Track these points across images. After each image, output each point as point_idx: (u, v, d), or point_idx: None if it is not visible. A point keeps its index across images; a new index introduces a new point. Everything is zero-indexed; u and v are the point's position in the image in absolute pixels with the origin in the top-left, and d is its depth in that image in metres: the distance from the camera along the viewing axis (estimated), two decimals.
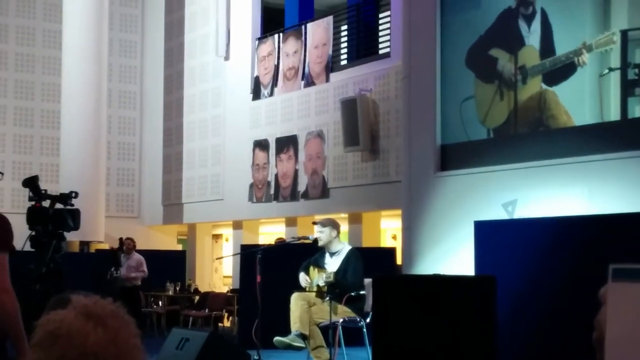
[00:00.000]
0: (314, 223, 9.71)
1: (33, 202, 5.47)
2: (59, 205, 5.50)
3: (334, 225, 9.36)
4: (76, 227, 5.64)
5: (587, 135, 8.87)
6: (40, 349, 2.29)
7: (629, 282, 1.66)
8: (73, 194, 5.73)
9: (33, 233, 5.45)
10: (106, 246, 16.51)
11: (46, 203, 6.02)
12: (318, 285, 8.99)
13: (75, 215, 5.59)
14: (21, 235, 4.92)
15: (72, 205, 5.62)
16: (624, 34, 8.64)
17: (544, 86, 9.35)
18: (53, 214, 5.47)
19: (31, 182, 5.57)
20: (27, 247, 5.41)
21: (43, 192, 5.48)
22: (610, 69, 8.74)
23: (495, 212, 8.95)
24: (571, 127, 9.06)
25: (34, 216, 5.44)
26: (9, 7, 19.85)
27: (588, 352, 3.20)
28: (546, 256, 6.20)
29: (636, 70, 8.53)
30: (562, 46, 9.20)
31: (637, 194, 8.03)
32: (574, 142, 8.93)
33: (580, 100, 9.02)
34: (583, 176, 8.65)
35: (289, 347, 9.05)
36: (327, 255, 9.24)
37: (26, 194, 6.20)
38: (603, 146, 8.61)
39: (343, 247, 9.31)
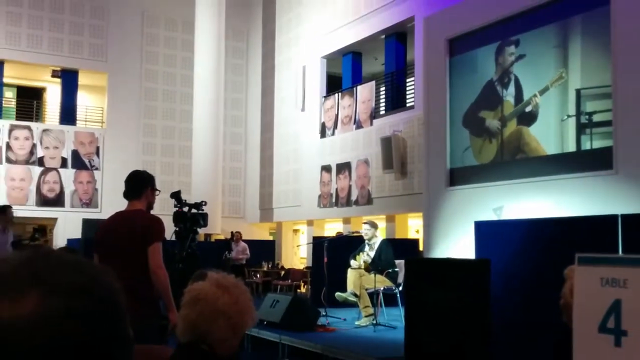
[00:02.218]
0: (364, 223, 9.75)
1: (177, 208, 5.55)
2: (193, 210, 5.61)
3: (376, 226, 9.50)
4: (205, 225, 5.73)
5: (552, 161, 8.76)
6: (187, 308, 2.36)
7: (589, 266, 1.66)
8: (203, 203, 5.81)
9: (177, 229, 5.53)
10: (222, 237, 16.68)
11: (180, 208, 6.18)
12: (365, 262, 9.03)
13: (204, 217, 5.67)
14: (168, 230, 5.00)
15: (203, 210, 5.70)
16: (578, 91, 8.52)
17: (518, 125, 9.32)
18: (190, 216, 5.56)
19: (176, 195, 5.67)
20: (173, 238, 5.52)
21: (184, 201, 5.57)
22: (569, 116, 8.62)
23: (488, 215, 8.87)
24: (541, 156, 8.96)
25: (178, 217, 5.53)
26: (158, 76, 20.21)
27: (556, 314, 3.15)
28: (525, 246, 6.12)
29: (587, 117, 8.41)
30: (529, 95, 9.20)
31: (587, 203, 7.90)
32: (543, 166, 8.82)
33: (548, 138, 8.92)
34: (550, 190, 8.54)
35: (346, 300, 9.11)
36: (367, 245, 9.28)
37: (170, 202, 6.31)
38: (563, 169, 8.50)
39: (377, 238, 9.38)
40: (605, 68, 8.19)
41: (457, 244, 9.39)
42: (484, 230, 6.68)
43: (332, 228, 17.89)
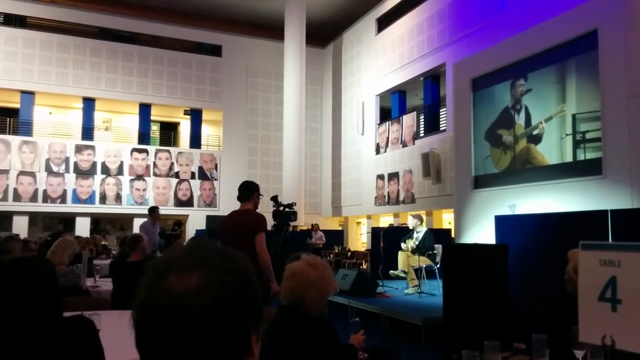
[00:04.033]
0: (411, 215, 9.64)
1: (275, 208, 5.59)
2: (287, 209, 5.64)
3: (420, 218, 9.34)
4: (295, 219, 5.73)
5: (554, 169, 8.45)
6: (287, 280, 2.40)
7: (591, 250, 1.62)
8: (294, 204, 5.84)
9: (275, 223, 5.57)
10: (305, 228, 16.82)
11: (277, 208, 6.24)
12: (411, 247, 8.92)
13: (295, 214, 5.67)
14: (269, 224, 5.08)
15: (293, 209, 5.71)
16: (574, 116, 8.21)
17: (527, 143, 9.02)
18: (284, 213, 5.59)
19: (275, 198, 5.72)
20: (272, 230, 5.60)
21: (280, 203, 5.60)
22: (567, 134, 8.31)
23: (505, 211, 8.63)
24: (545, 165, 8.66)
25: (275, 215, 5.56)
26: (258, 112, 20.59)
27: (559, 286, 3.05)
28: (534, 234, 5.93)
29: (581, 135, 8.08)
30: (536, 121, 8.88)
31: (582, 201, 7.59)
32: (547, 173, 8.52)
33: (550, 151, 8.61)
34: (552, 191, 8.24)
35: (397, 276, 9.01)
36: (415, 232, 9.17)
37: (269, 203, 6.39)
38: (563, 175, 8.19)
39: (422, 228, 9.23)
40: (595, 97, 7.87)
41: (481, 233, 9.16)
42: (502, 222, 6.51)
43: (386, 221, 17.76)
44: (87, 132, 18.34)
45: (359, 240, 19.73)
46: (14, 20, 17.64)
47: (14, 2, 17.65)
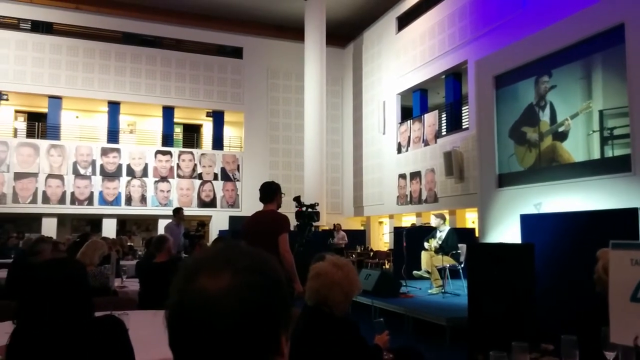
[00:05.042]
0: (434, 214, 9.55)
1: (297, 208, 5.60)
2: (309, 210, 5.63)
3: (443, 217, 9.24)
4: (318, 220, 5.72)
5: (581, 167, 8.30)
6: (312, 280, 2.40)
7: (622, 250, 1.59)
8: (317, 204, 5.83)
9: (298, 223, 5.58)
10: (327, 228, 16.82)
11: (300, 208, 6.23)
12: (435, 246, 8.84)
13: (317, 214, 5.65)
14: (292, 224, 5.09)
15: (316, 209, 5.71)
16: (601, 112, 8.04)
17: (553, 140, 8.86)
18: (307, 214, 5.59)
19: (297, 199, 5.71)
20: (295, 230, 5.60)
21: (302, 203, 5.61)
22: (594, 131, 8.15)
23: (530, 209, 8.51)
24: (572, 163, 8.50)
25: (298, 215, 5.56)
26: (279, 113, 20.66)
27: (586, 286, 2.99)
28: (560, 233, 5.82)
29: (608, 131, 7.92)
30: (562, 118, 8.71)
31: (610, 199, 7.44)
32: (574, 171, 8.37)
33: (577, 149, 8.45)
34: (579, 189, 8.09)
35: (421, 277, 8.95)
36: (438, 232, 9.08)
37: (292, 204, 6.39)
38: (590, 172, 8.04)
39: (445, 228, 9.13)
40: (622, 93, 7.70)
41: (506, 232, 9.04)
42: (527, 221, 6.41)
43: (408, 220, 17.64)
44: (113, 135, 18.66)
45: (382, 240, 19.63)
46: (41, 27, 18.05)
47: (41, 9, 18.06)
